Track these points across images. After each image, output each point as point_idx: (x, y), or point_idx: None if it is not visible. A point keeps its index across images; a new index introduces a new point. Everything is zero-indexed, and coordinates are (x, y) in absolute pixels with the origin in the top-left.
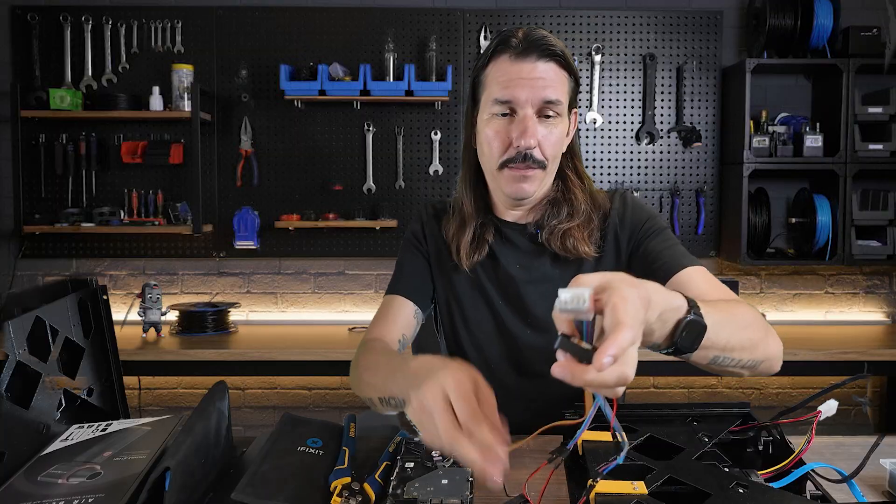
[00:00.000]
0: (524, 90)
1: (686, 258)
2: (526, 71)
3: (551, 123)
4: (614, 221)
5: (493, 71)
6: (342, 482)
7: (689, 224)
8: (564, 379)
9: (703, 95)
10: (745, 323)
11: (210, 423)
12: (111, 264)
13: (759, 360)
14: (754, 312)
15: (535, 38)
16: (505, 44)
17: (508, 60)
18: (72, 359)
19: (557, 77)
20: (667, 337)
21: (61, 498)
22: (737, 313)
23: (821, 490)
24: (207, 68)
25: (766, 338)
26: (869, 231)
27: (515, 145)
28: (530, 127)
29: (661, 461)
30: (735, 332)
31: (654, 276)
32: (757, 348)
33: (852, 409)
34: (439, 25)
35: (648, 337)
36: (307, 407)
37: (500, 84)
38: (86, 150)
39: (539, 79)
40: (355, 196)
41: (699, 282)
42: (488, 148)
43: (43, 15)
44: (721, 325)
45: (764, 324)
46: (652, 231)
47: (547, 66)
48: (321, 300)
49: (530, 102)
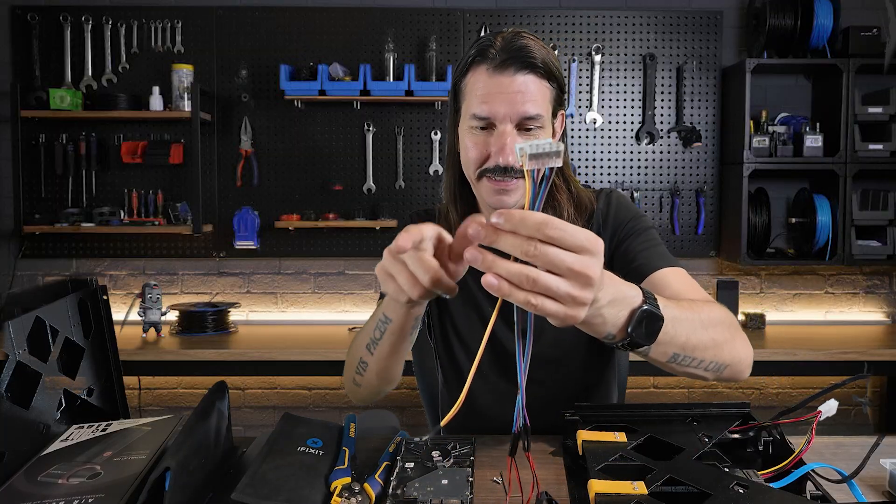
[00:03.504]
0: (502, 105)
1: (664, 259)
2: (504, 85)
3: (532, 135)
4: (598, 221)
5: (471, 82)
6: (342, 482)
7: (689, 224)
8: (476, 236)
9: (703, 95)
10: (708, 322)
11: (210, 423)
12: (111, 264)
13: (724, 362)
14: (723, 314)
15: (513, 49)
16: (483, 55)
17: (486, 73)
18: (72, 359)
19: (538, 89)
20: (621, 328)
21: (61, 498)
22: (701, 312)
23: (821, 490)
24: (207, 68)
25: (733, 340)
26: (869, 231)
27: (494, 160)
28: (508, 143)
29: (661, 461)
30: (696, 331)
31: (630, 275)
32: (721, 350)
33: (852, 409)
34: (439, 25)
35: (601, 325)
36: (307, 407)
37: (478, 98)
38: (86, 150)
39: (517, 93)
40: (355, 196)
41: (674, 283)
42: (466, 157)
43: (43, 15)
44: (680, 322)
45: (732, 326)
46: (634, 231)
47: (526, 77)
48: (321, 300)
49: (509, 118)
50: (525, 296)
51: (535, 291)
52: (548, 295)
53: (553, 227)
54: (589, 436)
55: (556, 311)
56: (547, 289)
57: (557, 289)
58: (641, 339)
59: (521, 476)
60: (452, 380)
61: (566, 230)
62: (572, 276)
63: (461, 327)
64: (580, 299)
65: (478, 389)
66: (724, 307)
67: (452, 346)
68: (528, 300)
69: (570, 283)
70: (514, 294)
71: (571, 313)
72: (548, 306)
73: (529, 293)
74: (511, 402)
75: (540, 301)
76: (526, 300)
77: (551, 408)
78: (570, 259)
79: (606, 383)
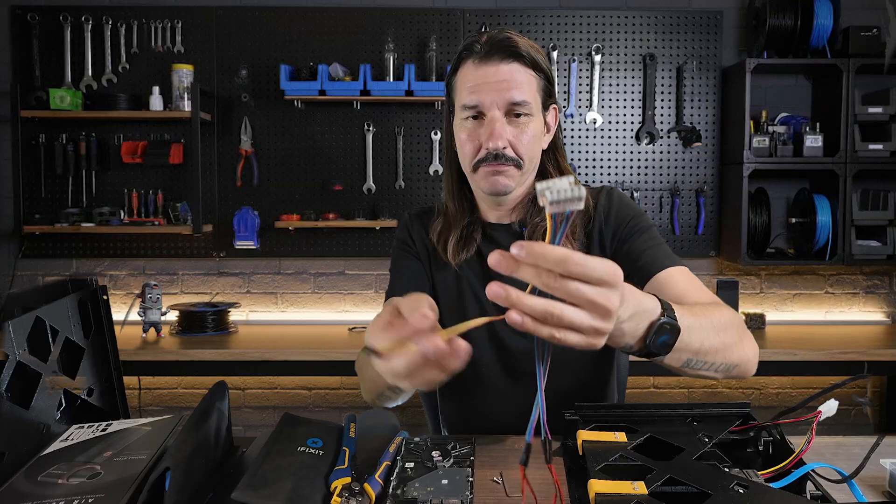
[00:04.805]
0: (489, 94)
1: (668, 258)
2: (490, 74)
3: (522, 123)
4: (599, 219)
5: (460, 77)
6: (342, 482)
7: (689, 224)
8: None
9: (703, 95)
10: (720, 326)
11: (210, 423)
12: (111, 264)
13: (733, 363)
14: (731, 315)
15: (497, 41)
16: (469, 49)
17: (473, 66)
18: (72, 359)
19: (523, 77)
20: (639, 339)
21: (61, 498)
22: (713, 317)
23: (821, 490)
24: (207, 68)
25: (742, 342)
26: (869, 231)
27: (485, 147)
28: (497, 129)
29: (661, 461)
30: (709, 336)
31: (635, 275)
32: (731, 352)
33: (852, 409)
34: (439, 25)
35: (620, 338)
36: (307, 407)
37: (467, 90)
38: (86, 150)
39: (503, 81)
40: (355, 196)
41: (679, 282)
42: (461, 151)
43: (43, 15)
44: (695, 329)
45: (740, 327)
46: (636, 229)
47: (510, 66)
48: (321, 300)
49: (496, 105)
50: (549, 331)
51: (559, 326)
52: (570, 327)
53: (574, 263)
54: (589, 436)
55: (578, 342)
56: (570, 323)
57: (581, 323)
58: (659, 350)
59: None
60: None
61: (587, 265)
62: (593, 308)
63: (458, 316)
64: (602, 330)
65: (477, 388)
66: (730, 308)
67: None
68: (553, 335)
69: (592, 316)
70: (539, 329)
71: (593, 342)
72: (570, 339)
73: (554, 328)
74: (511, 400)
75: (563, 334)
76: (550, 335)
77: (552, 408)
78: (591, 292)
79: (606, 383)
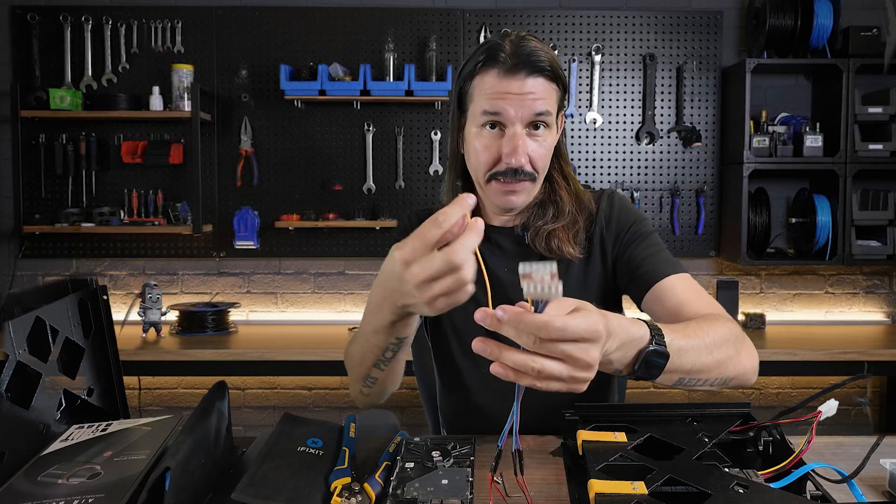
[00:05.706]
0: (513, 106)
1: (670, 266)
2: (515, 87)
3: (540, 136)
4: (601, 223)
5: (480, 84)
6: (342, 482)
7: (689, 224)
8: (483, 353)
9: (703, 95)
10: (714, 344)
11: (210, 423)
12: (111, 264)
13: (729, 377)
14: (728, 329)
15: (524, 54)
16: (493, 59)
17: (497, 77)
18: (72, 359)
19: (546, 90)
20: (628, 365)
21: (61, 498)
22: (707, 335)
23: (821, 490)
24: (207, 68)
25: (739, 355)
26: (869, 231)
27: (505, 162)
28: (520, 146)
29: (661, 461)
30: (702, 356)
31: (636, 282)
32: (726, 367)
33: (852, 409)
34: (439, 25)
35: (608, 366)
36: (307, 407)
37: (488, 97)
38: (86, 150)
39: (528, 93)
40: (355, 196)
41: (680, 291)
42: (476, 161)
43: (43, 15)
44: (687, 351)
45: (738, 340)
46: (638, 235)
47: (535, 80)
48: (321, 300)
49: (520, 118)
50: (531, 381)
51: (540, 378)
52: (551, 378)
53: (553, 329)
54: (589, 436)
55: (560, 388)
56: (550, 375)
57: (560, 374)
58: (647, 376)
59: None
60: (449, 376)
61: (566, 329)
62: (573, 362)
63: (457, 322)
64: (582, 378)
65: (476, 387)
66: (729, 319)
67: (449, 342)
68: (534, 383)
69: (572, 368)
70: (521, 379)
71: (574, 388)
72: (552, 386)
73: (535, 379)
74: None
75: (545, 383)
76: (531, 383)
77: (551, 408)
78: (570, 349)
79: (606, 383)
